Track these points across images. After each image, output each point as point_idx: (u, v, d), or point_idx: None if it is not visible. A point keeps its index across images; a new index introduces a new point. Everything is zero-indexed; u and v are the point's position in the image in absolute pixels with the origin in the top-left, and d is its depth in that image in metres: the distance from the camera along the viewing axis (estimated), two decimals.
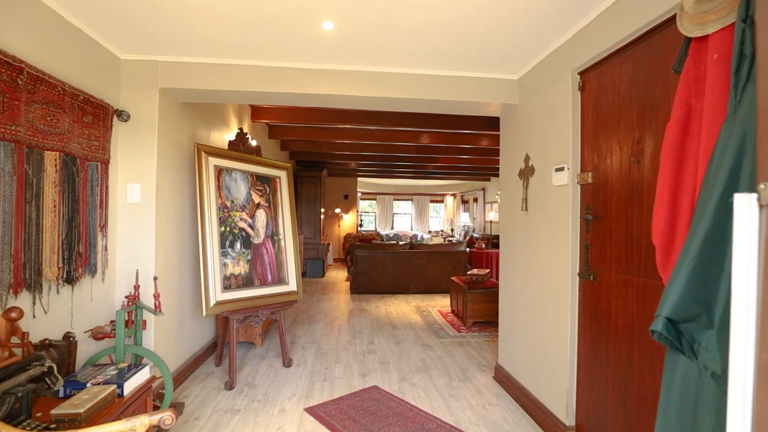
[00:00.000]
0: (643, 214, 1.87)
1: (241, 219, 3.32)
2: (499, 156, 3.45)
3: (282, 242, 3.64)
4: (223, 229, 3.17)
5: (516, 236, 3.10)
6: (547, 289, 2.62)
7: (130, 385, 1.93)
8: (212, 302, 2.98)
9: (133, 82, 2.79)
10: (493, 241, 9.72)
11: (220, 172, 3.23)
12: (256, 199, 3.48)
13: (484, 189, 12.98)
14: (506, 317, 3.27)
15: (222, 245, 3.14)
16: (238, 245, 3.26)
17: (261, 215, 3.49)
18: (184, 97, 3.09)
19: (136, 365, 2.11)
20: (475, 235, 11.76)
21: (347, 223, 12.38)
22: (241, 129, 3.56)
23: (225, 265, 3.14)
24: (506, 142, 3.32)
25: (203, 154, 3.12)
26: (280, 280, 3.56)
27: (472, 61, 2.90)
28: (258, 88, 2.92)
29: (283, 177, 3.77)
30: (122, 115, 2.65)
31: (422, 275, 7.04)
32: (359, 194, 13.95)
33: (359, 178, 13.13)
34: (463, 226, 14.47)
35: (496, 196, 11.62)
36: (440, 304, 6.30)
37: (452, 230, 15.00)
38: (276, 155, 7.19)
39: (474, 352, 4.05)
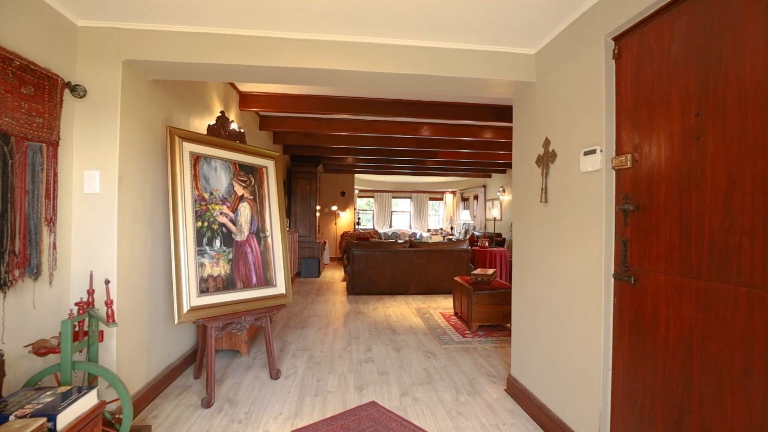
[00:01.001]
0: (705, 203, 1.50)
1: (221, 213, 2.94)
2: (501, 151, 3.11)
3: (269, 239, 3.26)
4: (199, 224, 2.79)
5: (533, 232, 2.73)
6: (573, 293, 2.25)
7: (68, 416, 1.55)
8: (186, 308, 2.60)
9: (92, 53, 2.41)
10: (497, 239, 9.36)
11: (196, 159, 2.85)
12: (239, 191, 3.10)
13: (484, 186, 12.63)
14: (521, 323, 2.91)
15: (198, 243, 2.76)
16: (217, 243, 2.88)
17: (245, 209, 3.11)
18: (155, 73, 2.70)
19: (86, 387, 1.73)
20: (476, 233, 11.41)
21: (344, 221, 12.00)
22: (222, 112, 3.18)
23: (202, 265, 2.76)
24: (521, 127, 2.95)
25: (176, 138, 2.73)
26: (267, 281, 3.18)
27: (483, 32, 2.53)
28: (238, 61, 2.54)
29: (270, 167, 3.40)
30: (77, 90, 2.27)
31: (423, 275, 6.68)
32: (357, 191, 13.58)
33: (357, 175, 12.76)
34: (463, 224, 14.11)
35: (498, 193, 11.27)
36: (442, 305, 5.93)
37: (452, 228, 14.65)
38: (269, 149, 6.80)
39: (482, 360, 3.69)
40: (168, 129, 2.70)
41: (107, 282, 2.08)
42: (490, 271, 5.02)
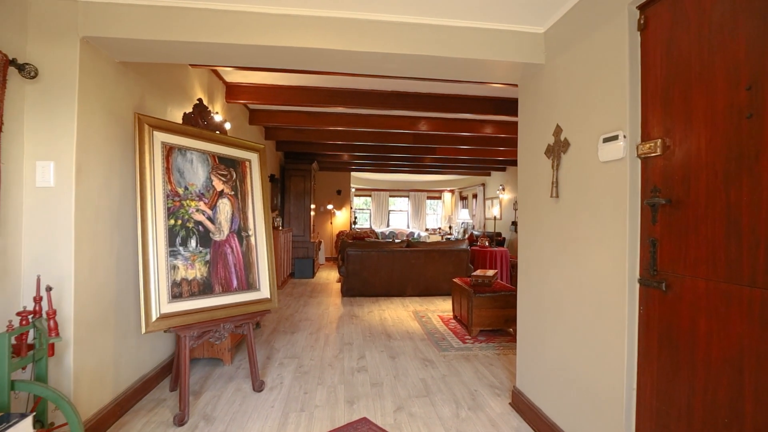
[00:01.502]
0: (761, 194, 1.24)
1: (197, 210, 2.66)
2: (501, 147, 2.84)
3: (252, 239, 2.99)
4: (172, 222, 2.52)
5: (541, 230, 2.47)
6: (590, 300, 1.98)
7: None
8: (154, 316, 2.32)
9: (45, 28, 2.13)
10: (497, 239, 9.12)
11: (169, 151, 2.57)
12: (219, 186, 2.83)
13: (484, 184, 12.37)
14: (527, 331, 2.64)
15: (171, 243, 2.49)
16: (192, 243, 2.61)
17: (224, 206, 2.84)
18: (122, 54, 2.42)
19: (17, 415, 1.46)
20: (475, 232, 11.15)
21: (340, 220, 11.73)
22: (200, 100, 2.90)
23: (174, 268, 2.49)
24: (527, 115, 2.68)
25: (146, 127, 2.46)
26: (249, 285, 2.90)
27: (486, 7, 2.26)
28: (212, 39, 2.26)
29: (254, 160, 3.12)
30: (25, 70, 1.99)
31: (420, 276, 6.41)
32: (353, 190, 13.31)
33: (353, 173, 12.49)
34: (462, 223, 13.86)
35: (497, 192, 11.02)
36: (441, 308, 5.67)
37: (450, 228, 14.40)
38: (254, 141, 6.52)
39: (483, 368, 3.42)
40: (136, 116, 2.42)
41: (49, 289, 1.80)
42: (491, 272, 4.76)
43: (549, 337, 2.36)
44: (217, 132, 2.93)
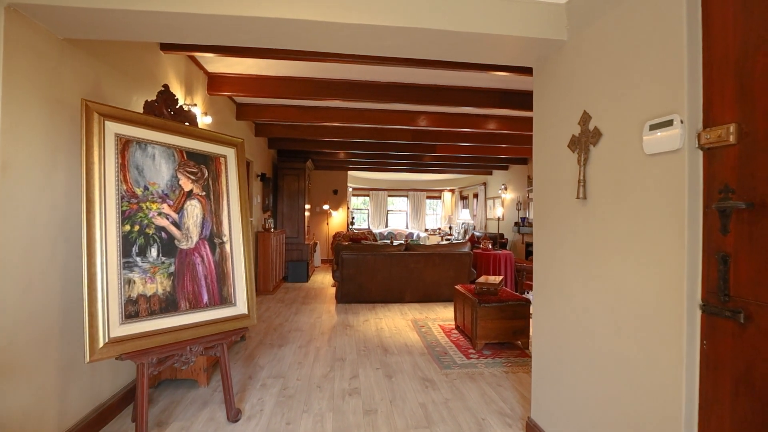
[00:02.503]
0: None
1: (159, 214, 2.28)
2: (504, 144, 2.48)
3: (226, 246, 2.60)
4: (127, 228, 2.13)
5: (563, 238, 2.08)
6: (629, 326, 1.61)
7: None
8: (102, 340, 1.94)
9: None
10: (501, 241, 8.75)
11: (126, 144, 2.19)
12: (187, 185, 2.44)
13: (485, 183, 12.00)
14: (544, 356, 2.26)
15: (125, 253, 2.10)
16: (153, 252, 2.22)
17: (193, 208, 2.46)
18: (64, 27, 2.04)
19: None
20: (477, 233, 10.78)
21: (337, 220, 11.35)
22: (165, 86, 2.51)
23: (130, 282, 2.11)
24: (544, 102, 2.30)
25: (95, 116, 2.07)
26: (223, 300, 2.52)
27: None
28: (173, 7, 1.88)
29: (230, 156, 2.74)
30: None
31: (420, 281, 6.03)
32: (350, 189, 12.93)
33: (350, 172, 12.11)
34: (462, 223, 13.49)
35: (499, 191, 10.64)
36: (441, 316, 5.29)
37: (450, 228, 14.02)
38: (251, 144, 6.14)
39: (491, 390, 3.04)
40: (83, 103, 2.04)
41: None
42: (497, 279, 4.38)
43: (573, 366, 1.98)
44: (187, 124, 2.55)
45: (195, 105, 3.72)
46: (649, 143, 1.49)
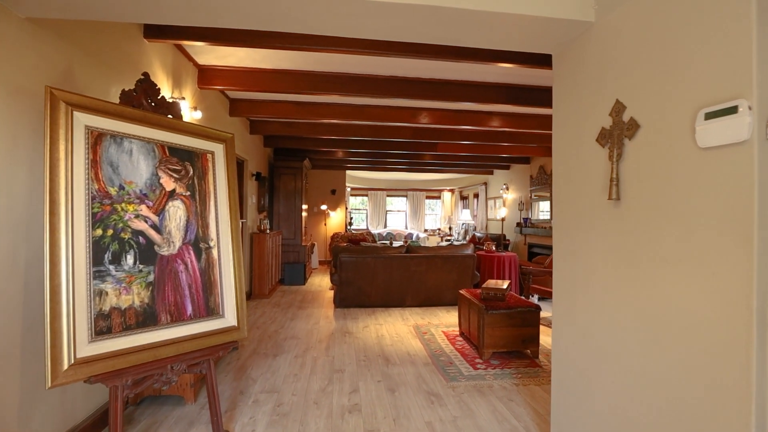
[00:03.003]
0: None
1: (137, 216, 2.04)
2: (507, 143, 2.25)
3: (214, 252, 2.36)
4: (99, 232, 1.89)
5: (589, 242, 1.85)
6: (675, 347, 1.38)
7: None
8: (67, 361, 1.70)
9: None
10: (505, 242, 8.53)
11: (98, 138, 1.95)
12: (169, 184, 2.20)
13: (486, 183, 11.78)
14: (566, 372, 2.03)
15: (97, 260, 1.86)
16: (129, 259, 1.98)
17: (176, 210, 2.21)
18: (24, 5, 1.79)
19: None
20: (478, 234, 10.56)
21: (335, 221, 11.10)
22: (146, 74, 2.27)
23: (102, 294, 1.86)
24: (567, 92, 2.07)
25: (62, 105, 1.83)
26: (209, 311, 2.28)
27: None
28: None
29: (218, 152, 2.49)
30: None
31: (421, 284, 5.80)
32: (348, 189, 12.69)
33: (348, 172, 11.87)
34: (462, 224, 13.27)
35: (501, 191, 10.42)
36: (445, 321, 5.06)
37: (450, 229, 13.80)
38: (245, 142, 5.89)
39: (502, 406, 2.81)
40: (47, 91, 1.79)
41: None
42: (504, 283, 4.16)
43: (602, 386, 1.75)
44: (170, 116, 2.30)
45: (183, 99, 3.48)
46: (705, 134, 1.26)
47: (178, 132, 2.30)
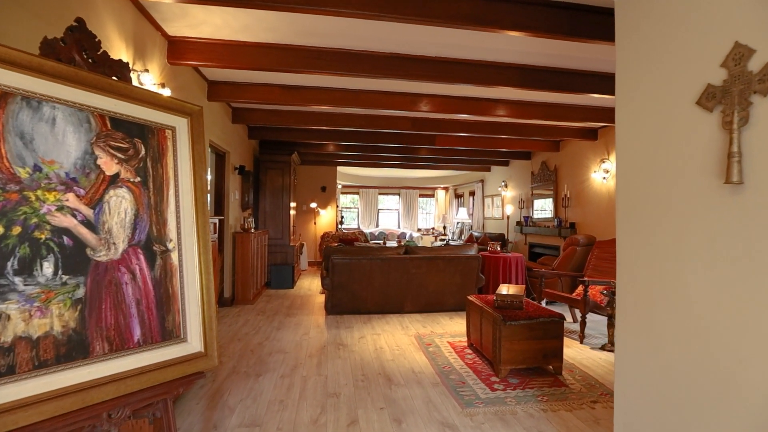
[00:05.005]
0: None
1: (60, 208, 1.49)
2: (513, 136, 1.75)
3: (173, 256, 1.82)
4: (0, 230, 1.33)
5: (686, 242, 1.36)
6: None
7: None
8: None
9: None
10: (511, 243, 8.08)
11: (2, 99, 1.39)
12: (110, 167, 1.64)
13: (482, 180, 11.34)
14: (636, 401, 1.54)
15: None
16: (46, 267, 1.43)
17: (120, 201, 1.66)
18: None
19: None
20: (476, 233, 10.11)
21: (325, 219, 10.55)
22: (80, 20, 1.71)
23: (2, 318, 1.31)
24: (640, 41, 1.57)
25: None
26: (166, 335, 1.74)
27: None
28: None
29: (181, 128, 1.94)
30: None
31: (421, 288, 5.30)
32: (339, 187, 12.13)
33: (339, 168, 11.31)
34: (458, 223, 12.83)
35: (499, 189, 9.99)
36: (449, 330, 4.56)
37: (444, 228, 13.34)
38: (227, 133, 5.30)
39: None
40: None
41: None
42: (519, 288, 3.67)
43: (693, 424, 1.26)
44: (116, 79, 1.75)
45: (146, 71, 2.91)
46: None
47: (125, 98, 1.74)
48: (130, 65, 2.85)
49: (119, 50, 2.73)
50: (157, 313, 1.71)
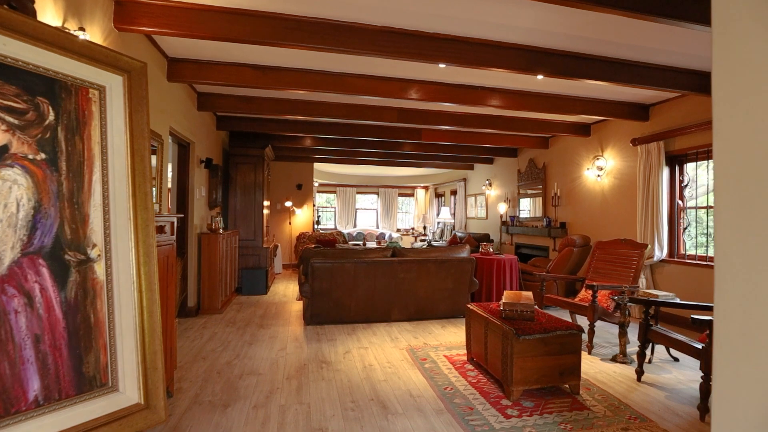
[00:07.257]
0: None
1: None
2: (504, 131, 1.58)
3: (97, 269, 1.27)
4: None
5: None
6: None
7: None
8: None
9: None
10: (506, 244, 7.73)
11: None
12: None
13: (465, 179, 11.02)
14: None
15: None
16: None
17: (9, 187, 1.11)
18: None
19: None
20: (459, 233, 9.75)
21: (301, 219, 9.94)
22: None
23: None
24: None
25: None
26: (84, 384, 1.19)
27: None
28: None
29: (114, 89, 1.39)
30: None
31: (410, 294, 4.83)
32: (316, 185, 11.54)
33: (316, 165, 10.72)
34: (439, 223, 12.47)
35: (483, 188, 9.67)
36: (443, 341, 4.11)
37: (425, 228, 12.97)
38: (192, 120, 4.66)
39: None
40: None
41: None
42: (528, 295, 3.26)
43: None
44: (9, 8, 1.18)
45: (83, 30, 2.31)
46: None
47: (23, 37, 1.18)
48: (60, 23, 2.25)
49: (53, 11, 2.12)
50: (69, 353, 1.16)
